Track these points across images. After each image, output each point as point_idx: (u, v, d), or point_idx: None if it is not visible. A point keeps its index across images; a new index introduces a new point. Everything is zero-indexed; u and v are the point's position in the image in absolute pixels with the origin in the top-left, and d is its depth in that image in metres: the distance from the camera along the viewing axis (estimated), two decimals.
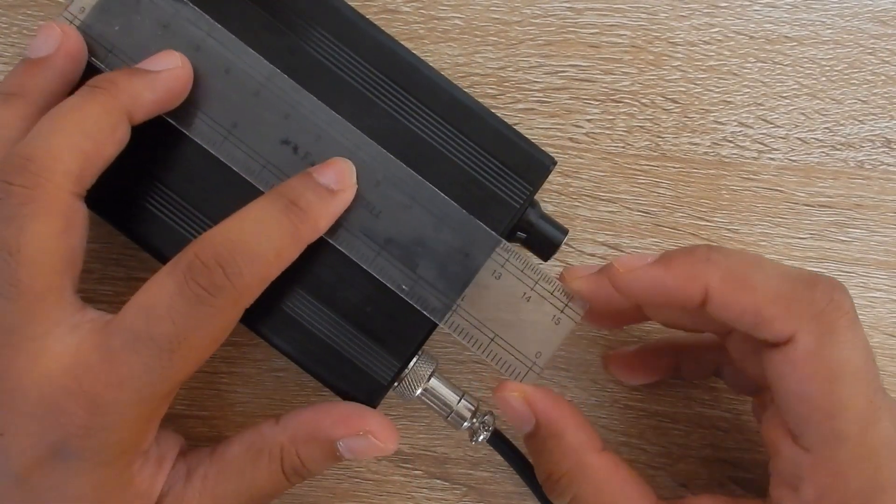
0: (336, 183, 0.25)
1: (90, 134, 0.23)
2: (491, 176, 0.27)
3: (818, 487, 0.23)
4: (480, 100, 0.28)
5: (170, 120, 0.26)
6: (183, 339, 0.22)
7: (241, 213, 0.24)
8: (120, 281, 0.31)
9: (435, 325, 0.26)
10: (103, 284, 0.31)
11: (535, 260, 0.28)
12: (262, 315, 0.25)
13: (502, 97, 0.32)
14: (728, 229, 0.32)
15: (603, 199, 0.32)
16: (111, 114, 0.24)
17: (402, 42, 0.27)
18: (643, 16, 0.32)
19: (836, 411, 0.23)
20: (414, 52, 0.27)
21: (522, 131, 0.27)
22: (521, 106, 0.32)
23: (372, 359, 0.26)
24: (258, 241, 0.23)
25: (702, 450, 0.32)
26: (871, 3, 0.33)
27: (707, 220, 0.32)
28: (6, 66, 0.32)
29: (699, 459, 0.32)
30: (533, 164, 0.27)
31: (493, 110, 0.27)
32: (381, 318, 0.26)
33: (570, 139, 0.32)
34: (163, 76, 0.25)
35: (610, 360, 0.31)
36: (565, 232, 0.28)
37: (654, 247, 0.32)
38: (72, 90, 0.25)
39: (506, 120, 0.27)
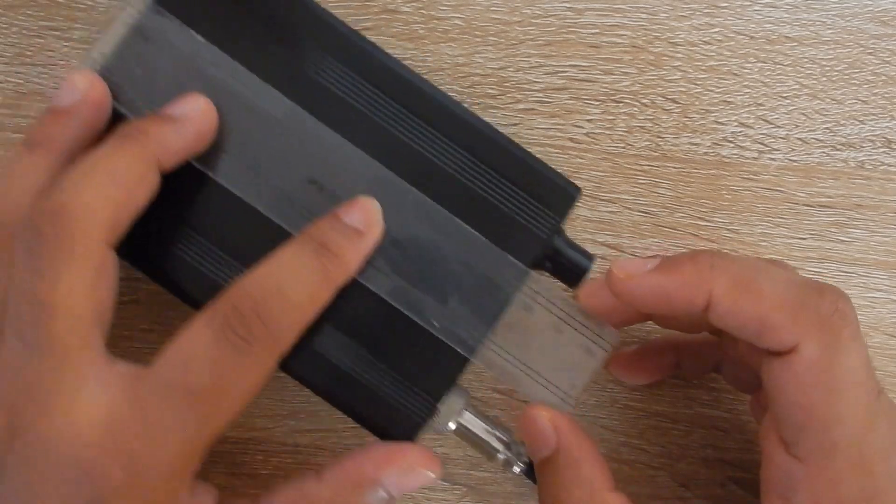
0: (363, 223, 0.25)
1: (122, 183, 0.23)
2: (516, 206, 0.26)
3: (813, 497, 0.23)
4: (480, 100, 0.28)
5: (195, 164, 0.26)
6: (221, 391, 0.22)
7: (272, 258, 0.24)
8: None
9: (467, 360, 0.26)
10: None
11: (563, 288, 0.28)
12: (294, 355, 0.25)
13: (502, 97, 0.32)
14: (728, 229, 0.32)
15: (603, 200, 0.32)
16: (142, 163, 0.24)
17: (402, 42, 0.27)
18: (643, 16, 0.32)
19: (835, 422, 0.23)
20: (437, 86, 0.27)
21: (522, 131, 0.27)
22: (521, 106, 0.32)
23: (406, 396, 0.26)
24: (293, 287, 0.23)
25: (702, 450, 0.32)
26: (871, 3, 0.33)
27: (707, 221, 0.32)
28: (6, 66, 0.32)
29: (699, 459, 0.32)
30: (558, 193, 0.27)
31: (493, 110, 0.27)
32: (413, 355, 0.26)
33: (571, 139, 0.32)
34: (190, 121, 0.25)
35: (611, 361, 0.30)
36: (592, 258, 0.28)
37: (654, 247, 0.32)
38: (97, 137, 0.26)
39: (506, 120, 0.27)
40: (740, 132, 0.32)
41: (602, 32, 0.32)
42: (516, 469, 0.28)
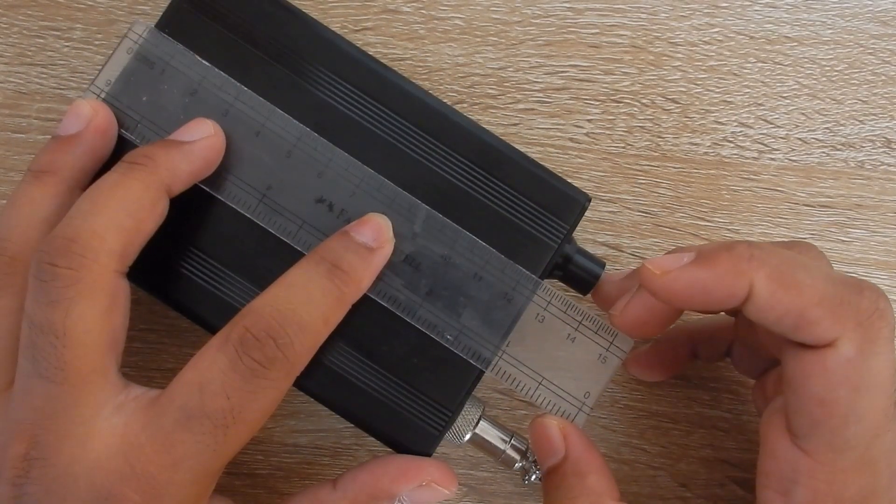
0: (374, 240, 0.25)
1: (131, 211, 0.23)
2: (526, 217, 0.27)
3: (813, 493, 0.23)
4: (480, 100, 0.28)
5: (204, 187, 0.26)
6: (238, 414, 0.22)
7: (285, 280, 0.24)
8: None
9: (482, 372, 0.27)
10: None
11: (575, 295, 0.28)
12: (309, 373, 0.25)
13: (502, 97, 0.32)
14: (728, 229, 0.32)
15: (603, 200, 0.32)
16: (151, 189, 0.24)
17: (403, 42, 0.27)
18: (643, 16, 0.32)
19: (853, 420, 0.22)
20: (438, 87, 0.27)
21: (522, 131, 0.27)
22: (521, 106, 0.32)
23: (422, 409, 0.26)
24: (306, 308, 0.23)
25: (702, 450, 0.32)
26: (871, 3, 0.33)
27: (707, 221, 0.32)
28: (6, 66, 0.32)
29: (699, 460, 0.32)
30: (567, 202, 0.27)
31: (493, 110, 0.27)
32: (427, 368, 0.26)
33: (571, 139, 0.32)
34: (198, 146, 0.25)
35: (629, 362, 0.30)
36: (602, 265, 0.28)
37: (654, 247, 0.32)
38: (104, 164, 0.26)
39: (506, 120, 0.27)
40: (740, 132, 0.32)
41: (602, 32, 0.32)
42: (534, 477, 0.29)
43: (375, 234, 0.25)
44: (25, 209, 0.25)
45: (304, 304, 0.23)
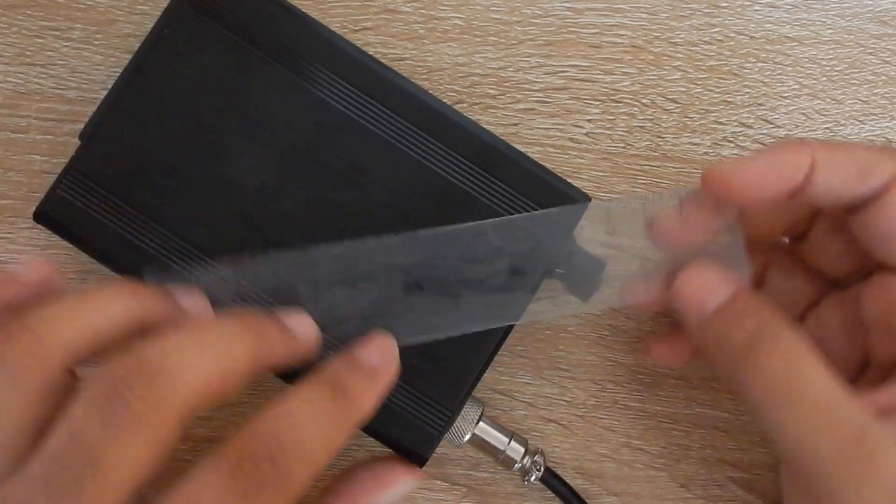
0: (380, 362, 0.25)
1: (226, 371, 0.22)
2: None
3: None
4: (480, 100, 0.28)
5: None
6: None
7: (286, 401, 0.22)
8: None
9: (482, 372, 0.27)
10: None
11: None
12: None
13: (502, 97, 0.32)
14: None
15: (603, 200, 0.32)
16: (252, 360, 0.23)
17: (402, 42, 0.27)
18: (643, 16, 0.32)
19: None
20: (438, 87, 0.27)
21: (522, 131, 0.27)
22: (521, 106, 0.32)
23: (422, 409, 0.26)
24: (308, 434, 0.22)
25: (702, 450, 0.32)
26: (871, 3, 0.33)
27: None
28: (5, 65, 0.32)
29: (699, 460, 0.32)
30: (567, 202, 0.27)
31: (493, 110, 0.27)
32: (427, 369, 0.26)
33: (571, 139, 0.32)
34: (300, 341, 0.25)
35: (650, 347, 0.30)
36: (603, 265, 0.28)
37: (654, 247, 0.32)
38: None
39: (506, 120, 0.27)
40: (740, 132, 0.32)
41: (602, 32, 0.32)
42: (533, 477, 0.29)
43: (381, 356, 0.25)
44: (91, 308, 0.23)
45: (307, 429, 0.22)
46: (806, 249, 0.28)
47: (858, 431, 0.22)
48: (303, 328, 0.25)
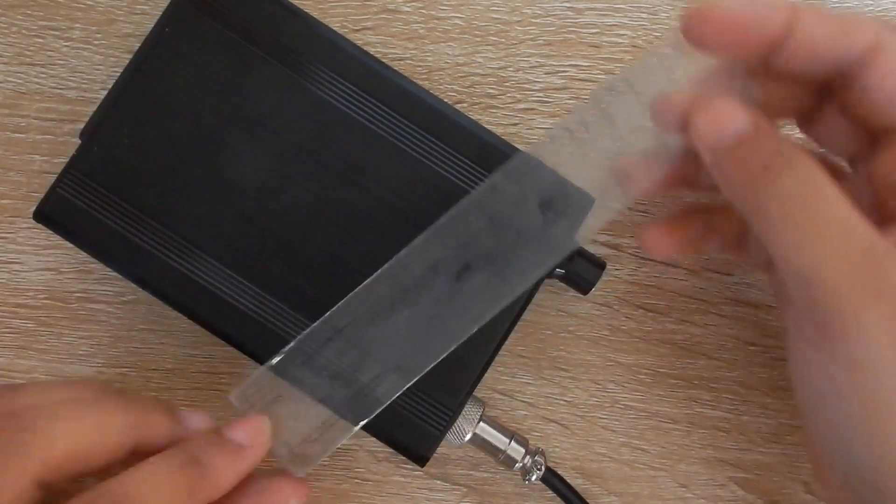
0: (248, 439, 0.24)
1: (94, 443, 0.23)
2: None
3: None
4: (480, 100, 0.28)
5: None
6: None
7: (144, 466, 0.23)
8: (119, 281, 0.31)
9: (483, 371, 0.27)
10: (103, 285, 0.31)
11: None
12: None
13: (502, 97, 0.32)
14: None
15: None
16: (127, 437, 0.24)
17: (402, 42, 0.27)
18: (644, 15, 0.32)
19: None
20: (438, 86, 0.27)
21: (522, 131, 0.27)
22: (521, 106, 0.32)
23: (423, 409, 0.27)
24: (153, 498, 0.22)
25: (702, 450, 0.32)
26: (871, 3, 0.33)
27: None
28: (5, 65, 0.32)
29: (699, 460, 0.32)
30: (570, 202, 0.27)
31: (493, 110, 0.27)
32: (429, 371, 0.26)
33: None
34: (252, 451, 0.25)
35: (640, 235, 0.29)
36: (603, 265, 0.28)
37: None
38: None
39: (506, 120, 0.27)
40: None
41: (602, 32, 0.32)
42: (534, 476, 0.29)
43: (250, 434, 0.25)
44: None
45: (153, 493, 0.22)
46: (813, 134, 0.28)
47: (869, 245, 0.22)
48: (251, 437, 0.25)
